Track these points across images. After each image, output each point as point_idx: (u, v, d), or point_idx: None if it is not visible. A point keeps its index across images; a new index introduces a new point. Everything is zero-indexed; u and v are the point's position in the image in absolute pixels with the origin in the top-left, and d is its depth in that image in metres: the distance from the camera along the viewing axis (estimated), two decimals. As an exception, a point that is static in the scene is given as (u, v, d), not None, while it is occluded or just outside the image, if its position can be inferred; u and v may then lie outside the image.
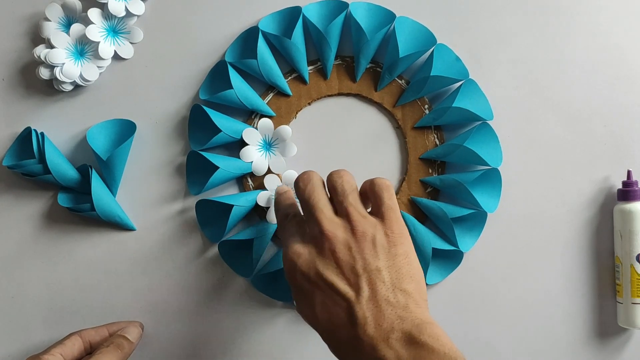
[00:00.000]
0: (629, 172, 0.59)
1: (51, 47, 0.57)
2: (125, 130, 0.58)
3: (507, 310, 0.60)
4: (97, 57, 0.58)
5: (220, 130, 0.56)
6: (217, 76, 0.58)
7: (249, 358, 0.59)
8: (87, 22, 0.57)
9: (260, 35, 0.57)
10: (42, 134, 0.57)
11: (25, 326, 0.59)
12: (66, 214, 0.59)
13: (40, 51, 0.57)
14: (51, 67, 0.57)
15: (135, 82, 0.59)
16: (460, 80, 0.58)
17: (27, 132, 0.58)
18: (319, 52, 0.59)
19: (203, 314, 0.59)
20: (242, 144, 0.58)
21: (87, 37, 0.57)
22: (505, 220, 0.60)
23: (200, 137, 0.58)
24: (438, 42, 0.58)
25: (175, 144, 0.59)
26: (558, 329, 0.60)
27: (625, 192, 0.58)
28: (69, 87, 0.58)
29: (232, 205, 0.56)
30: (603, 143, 0.60)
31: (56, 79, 0.57)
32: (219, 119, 0.56)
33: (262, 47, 0.57)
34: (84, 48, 0.58)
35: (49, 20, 0.57)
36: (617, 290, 0.59)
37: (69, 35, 0.57)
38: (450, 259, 0.59)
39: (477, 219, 0.59)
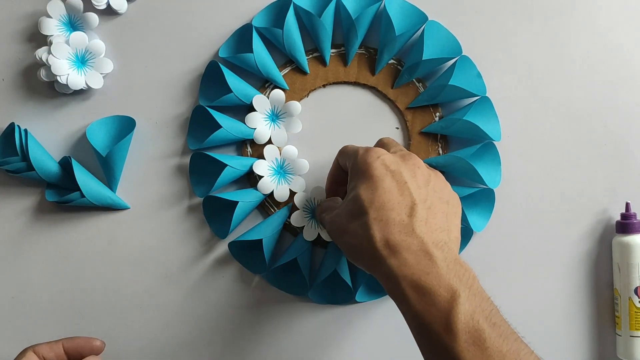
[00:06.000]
0: (627, 205, 0.58)
1: (52, 53, 0.56)
2: (125, 126, 0.58)
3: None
4: (99, 64, 0.58)
5: (231, 90, 0.56)
6: (241, 39, 0.58)
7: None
8: (87, 26, 0.58)
9: (291, 7, 0.57)
10: (25, 130, 0.57)
11: (25, 326, 0.59)
12: (60, 210, 0.59)
13: (42, 53, 0.57)
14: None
15: (135, 82, 0.59)
16: (477, 96, 0.58)
17: (11, 128, 0.57)
18: (345, 37, 0.59)
19: (215, 313, 0.60)
20: (249, 111, 0.58)
21: (87, 46, 0.57)
22: (502, 227, 0.60)
23: (210, 94, 0.58)
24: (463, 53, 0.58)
25: (176, 141, 0.59)
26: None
27: (624, 225, 0.58)
28: (70, 90, 0.58)
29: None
30: (603, 143, 0.60)
31: (57, 81, 0.57)
32: (232, 79, 0.57)
33: (290, 19, 0.57)
34: (85, 56, 0.58)
35: (50, 17, 0.57)
36: (616, 323, 0.59)
37: (68, 45, 0.57)
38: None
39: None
